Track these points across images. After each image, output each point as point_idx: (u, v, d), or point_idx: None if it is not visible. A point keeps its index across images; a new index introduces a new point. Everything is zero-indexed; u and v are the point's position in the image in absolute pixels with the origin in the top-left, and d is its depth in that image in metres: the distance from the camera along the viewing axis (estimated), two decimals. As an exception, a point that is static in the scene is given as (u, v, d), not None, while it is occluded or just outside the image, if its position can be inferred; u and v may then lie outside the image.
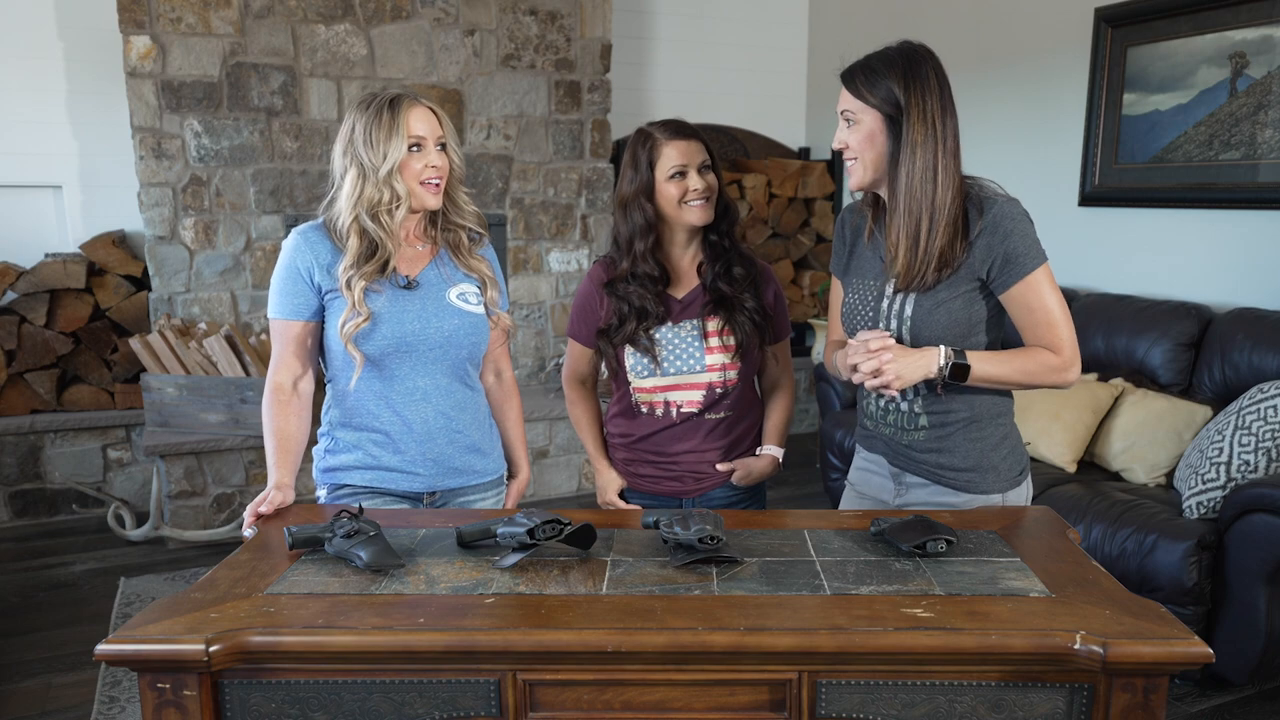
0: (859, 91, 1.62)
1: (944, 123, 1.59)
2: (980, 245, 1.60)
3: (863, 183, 1.68)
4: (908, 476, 1.78)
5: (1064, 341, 1.61)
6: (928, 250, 1.60)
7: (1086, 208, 3.86)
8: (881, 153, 1.63)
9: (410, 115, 1.71)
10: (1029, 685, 1.20)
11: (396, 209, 1.72)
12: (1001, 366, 1.62)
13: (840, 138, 1.68)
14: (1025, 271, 1.59)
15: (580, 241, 4.70)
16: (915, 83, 1.59)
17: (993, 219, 1.59)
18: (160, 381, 3.74)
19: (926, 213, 1.59)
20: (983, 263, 1.61)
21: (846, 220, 1.86)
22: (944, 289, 1.63)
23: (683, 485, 2.00)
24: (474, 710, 1.22)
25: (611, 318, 1.97)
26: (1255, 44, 3.19)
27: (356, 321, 1.72)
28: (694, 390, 1.95)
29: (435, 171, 1.74)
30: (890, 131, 1.61)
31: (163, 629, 1.20)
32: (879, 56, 1.63)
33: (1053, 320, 1.61)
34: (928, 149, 1.58)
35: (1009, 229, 1.58)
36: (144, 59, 3.77)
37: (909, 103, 1.58)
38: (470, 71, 4.31)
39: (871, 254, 1.76)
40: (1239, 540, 2.49)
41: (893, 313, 1.68)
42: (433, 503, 1.86)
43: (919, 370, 1.60)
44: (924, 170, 1.58)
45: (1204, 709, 2.55)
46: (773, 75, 5.47)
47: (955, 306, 1.63)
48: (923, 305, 1.64)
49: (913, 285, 1.64)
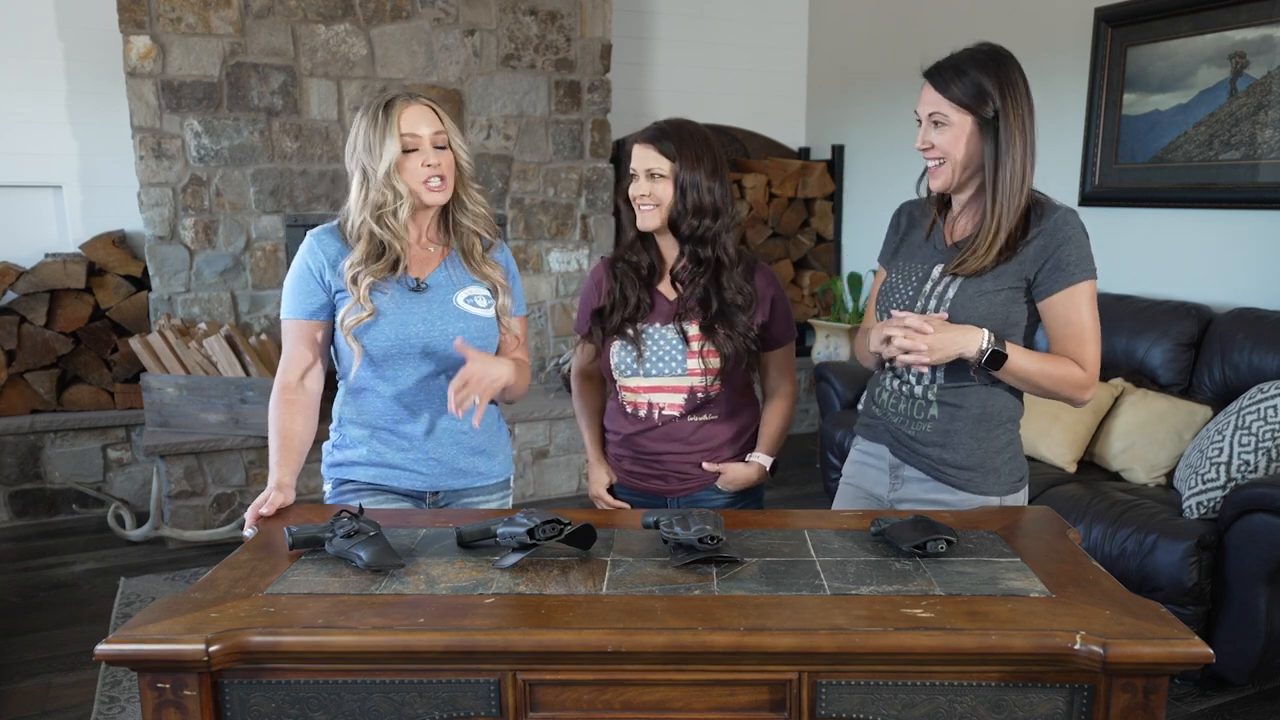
0: (950, 92, 1.61)
1: (1031, 125, 1.62)
2: (1035, 246, 1.61)
3: (949, 185, 1.67)
4: (906, 469, 1.78)
5: (1090, 360, 1.62)
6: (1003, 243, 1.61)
7: (1086, 207, 3.85)
8: (972, 154, 1.62)
9: (403, 115, 1.70)
10: (1029, 685, 1.20)
11: (400, 209, 1.72)
12: (1033, 364, 1.61)
13: (926, 139, 1.66)
14: (1071, 281, 1.60)
15: (580, 241, 4.69)
16: (1009, 85, 1.60)
17: (1053, 223, 1.60)
18: (160, 381, 3.73)
19: (1009, 212, 1.60)
20: (1034, 264, 1.61)
21: (904, 212, 1.86)
22: (990, 280, 1.63)
23: (667, 485, 2.00)
24: (474, 710, 1.22)
25: (605, 300, 1.99)
26: (1255, 44, 3.19)
27: (359, 316, 1.72)
28: (676, 394, 1.94)
29: (432, 170, 1.73)
30: (982, 133, 1.61)
31: (163, 629, 1.20)
32: (968, 59, 1.62)
33: (1085, 336, 1.61)
34: (1021, 149, 1.60)
35: (1066, 235, 1.60)
36: (144, 59, 3.77)
37: (1005, 105, 1.59)
38: (470, 71, 4.31)
39: (927, 244, 1.76)
40: (1239, 540, 2.49)
41: (934, 294, 1.68)
42: (436, 502, 1.86)
43: (957, 346, 1.59)
44: (1014, 173, 1.60)
45: (1204, 709, 2.55)
46: (773, 75, 5.47)
47: (997, 300, 1.63)
48: (966, 291, 1.64)
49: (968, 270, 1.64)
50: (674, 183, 1.87)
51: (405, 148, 1.70)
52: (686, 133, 1.89)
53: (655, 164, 1.87)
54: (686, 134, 1.89)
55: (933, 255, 1.74)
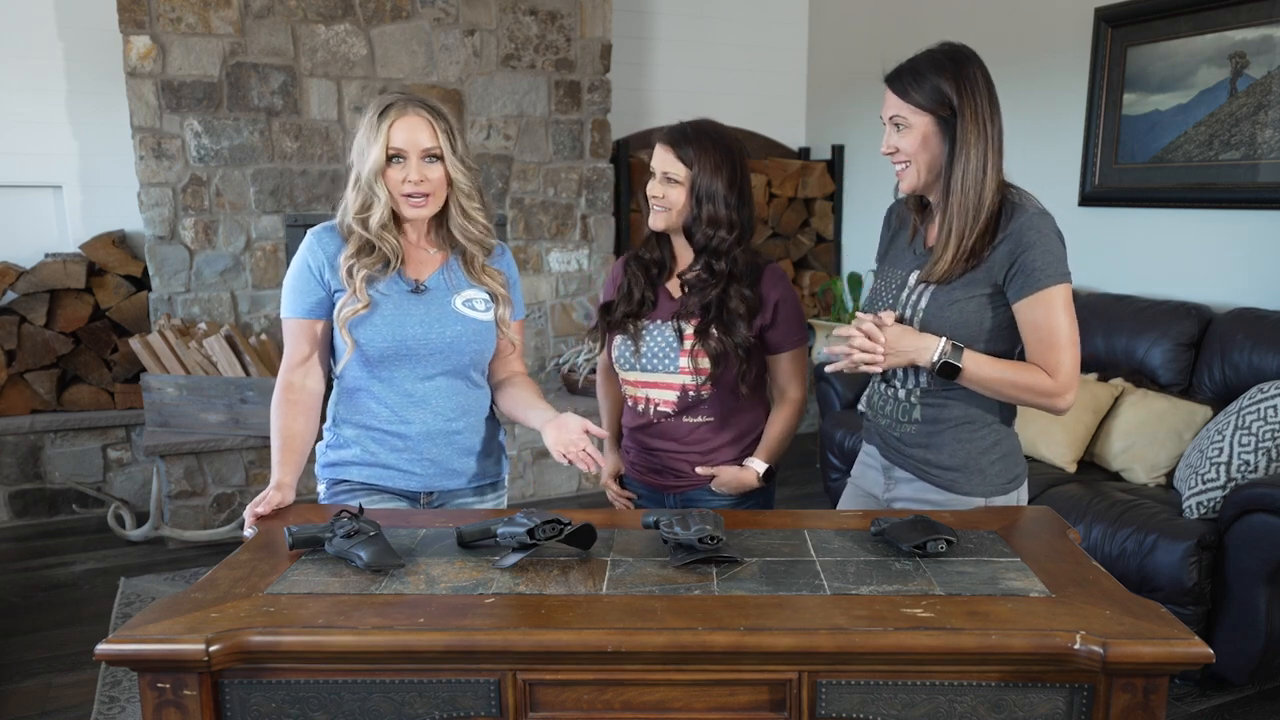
0: (909, 95, 1.60)
1: (992, 122, 1.59)
2: (1002, 251, 1.59)
3: (915, 187, 1.66)
4: (896, 471, 1.78)
5: (1062, 366, 1.58)
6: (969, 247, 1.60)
7: (1086, 208, 3.86)
8: (935, 155, 1.61)
9: (395, 125, 1.69)
10: (1029, 685, 1.20)
11: (375, 214, 1.72)
12: (992, 373, 1.60)
13: (890, 143, 1.64)
14: (1038, 286, 1.57)
15: (580, 241, 4.70)
16: (965, 84, 1.58)
17: (1019, 227, 1.58)
18: (160, 381, 3.73)
19: (973, 211, 1.59)
20: (1001, 268, 1.60)
21: (894, 211, 1.85)
22: (960, 288, 1.62)
23: (663, 480, 2.01)
24: (474, 710, 1.22)
25: (613, 294, 2.00)
26: (1255, 44, 3.19)
27: (355, 308, 1.72)
28: (669, 390, 1.93)
29: (413, 186, 1.70)
30: (943, 134, 1.60)
31: (163, 629, 1.20)
32: (925, 59, 1.62)
33: (1056, 342, 1.58)
34: (979, 149, 1.58)
35: (1031, 240, 1.57)
36: (144, 59, 3.77)
37: (961, 104, 1.57)
38: (470, 71, 4.31)
39: (908, 247, 1.76)
40: (1239, 540, 2.49)
41: (909, 302, 1.68)
42: (430, 503, 1.86)
43: (908, 354, 1.60)
44: (976, 170, 1.58)
45: (1204, 709, 2.55)
46: (773, 75, 5.46)
47: (969, 308, 1.62)
48: (938, 299, 1.64)
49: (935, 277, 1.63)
50: (689, 190, 1.84)
51: (390, 156, 1.70)
52: (709, 140, 1.85)
53: (671, 168, 1.85)
54: (709, 141, 1.85)
55: (911, 260, 1.73)
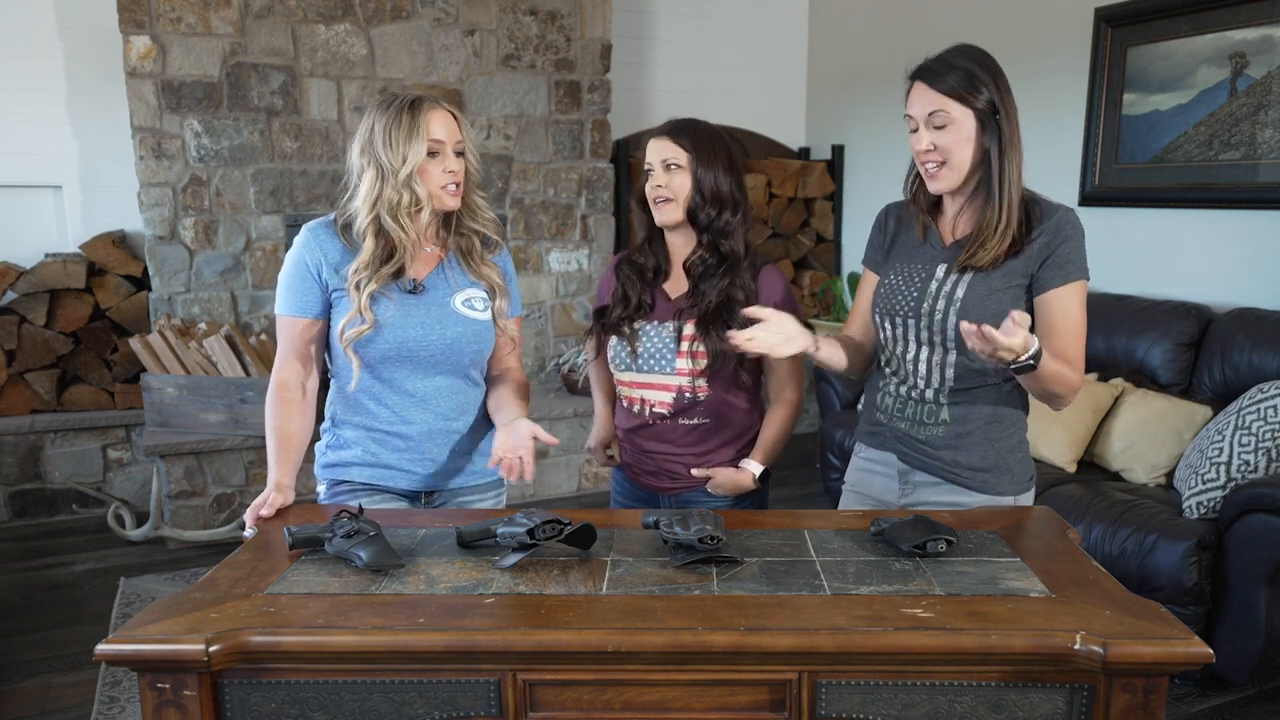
0: (947, 85, 1.58)
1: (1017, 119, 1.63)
2: (1039, 242, 1.61)
3: (953, 186, 1.64)
4: (917, 475, 1.76)
5: (1080, 359, 1.62)
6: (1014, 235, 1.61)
7: (1087, 207, 3.85)
8: (975, 152, 1.61)
9: (431, 118, 1.70)
10: (1029, 685, 1.20)
11: (418, 212, 1.72)
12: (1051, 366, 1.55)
13: (929, 140, 1.61)
14: (1069, 279, 1.60)
15: (580, 242, 4.70)
16: (1001, 79, 1.60)
17: (1056, 221, 1.61)
18: (160, 381, 3.73)
19: (1019, 201, 1.62)
20: (1037, 259, 1.62)
21: (891, 213, 1.85)
22: (998, 278, 1.63)
23: (658, 482, 2.00)
24: (474, 710, 1.22)
25: (607, 299, 2.01)
26: (1255, 44, 3.19)
27: (359, 329, 1.70)
28: (665, 391, 1.93)
29: (453, 176, 1.73)
30: (984, 129, 1.60)
31: (163, 629, 1.20)
32: (961, 56, 1.61)
33: (1077, 333, 1.62)
34: (1018, 145, 1.61)
35: (1068, 234, 1.61)
36: (144, 59, 3.77)
37: (1003, 98, 1.59)
38: (470, 71, 4.31)
39: (920, 244, 1.75)
40: (1239, 540, 2.48)
41: (941, 293, 1.67)
42: (430, 502, 1.86)
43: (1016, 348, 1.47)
44: (1018, 166, 1.61)
45: (1204, 709, 2.55)
46: (773, 75, 5.46)
47: (1005, 298, 1.63)
48: (976, 290, 1.63)
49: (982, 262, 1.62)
50: (691, 173, 1.87)
51: (430, 152, 1.70)
52: (701, 129, 1.91)
53: (672, 154, 1.87)
54: (701, 130, 1.91)
55: (934, 255, 1.72)
